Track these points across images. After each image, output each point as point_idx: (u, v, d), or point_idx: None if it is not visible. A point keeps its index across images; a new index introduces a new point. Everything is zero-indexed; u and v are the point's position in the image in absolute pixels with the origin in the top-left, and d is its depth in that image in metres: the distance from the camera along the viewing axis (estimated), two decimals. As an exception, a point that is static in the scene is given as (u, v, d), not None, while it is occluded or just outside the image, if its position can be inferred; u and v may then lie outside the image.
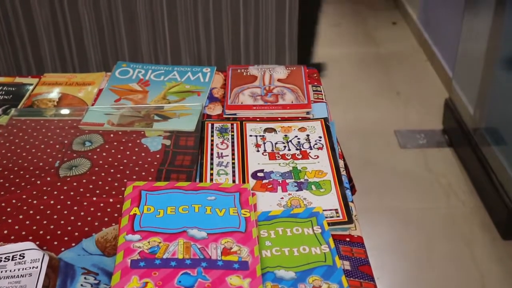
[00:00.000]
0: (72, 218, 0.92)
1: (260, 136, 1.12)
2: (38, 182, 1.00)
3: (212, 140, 1.10)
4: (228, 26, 1.95)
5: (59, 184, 1.00)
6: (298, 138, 1.11)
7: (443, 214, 2.14)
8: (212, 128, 1.14)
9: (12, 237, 0.89)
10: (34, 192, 0.97)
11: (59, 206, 0.95)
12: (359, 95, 2.89)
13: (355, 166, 2.25)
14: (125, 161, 1.05)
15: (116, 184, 1.00)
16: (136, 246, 0.83)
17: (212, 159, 1.05)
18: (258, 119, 1.19)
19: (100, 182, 1.00)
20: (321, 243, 0.85)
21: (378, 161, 2.41)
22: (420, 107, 2.78)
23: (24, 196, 0.96)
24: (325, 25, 3.55)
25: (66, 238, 0.88)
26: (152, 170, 1.03)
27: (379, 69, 3.13)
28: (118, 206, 0.94)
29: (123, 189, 0.97)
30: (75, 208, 0.94)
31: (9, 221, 0.91)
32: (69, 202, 0.95)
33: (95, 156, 1.07)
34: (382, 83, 2.99)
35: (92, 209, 0.94)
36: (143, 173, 1.02)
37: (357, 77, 3.08)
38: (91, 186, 0.99)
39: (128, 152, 1.08)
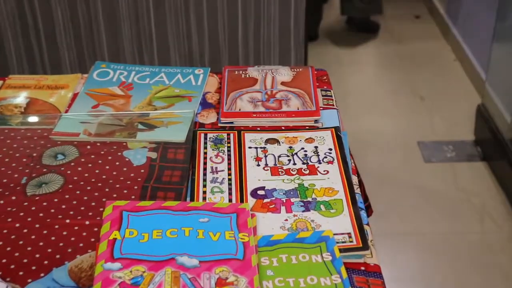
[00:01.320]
0: (41, 243, 0.93)
1: (260, 148, 1.13)
2: (1, 201, 1.01)
3: (205, 153, 1.11)
4: (224, 20, 1.97)
5: (26, 204, 1.00)
6: (305, 151, 1.12)
7: (476, 240, 2.14)
8: (206, 138, 1.15)
9: (-28, 266, 0.89)
10: (-2, 213, 0.98)
11: (25, 230, 0.95)
12: (376, 100, 2.90)
13: (372, 183, 2.25)
14: (104, 177, 1.06)
15: (93, 203, 1.00)
16: (116, 276, 0.84)
17: (205, 174, 1.06)
18: (258, 129, 1.20)
19: (74, 202, 1.01)
20: (331, 272, 0.86)
21: (398, 177, 2.41)
22: (447, 114, 2.79)
23: (-15, 218, 0.97)
24: (337, 17, 3.57)
25: (33, 267, 0.89)
26: (136, 187, 1.04)
27: (399, 69, 3.15)
28: (96, 229, 0.94)
29: (101, 209, 0.98)
30: (45, 232, 0.95)
31: (-32, 247, 0.92)
32: (37, 225, 0.96)
33: (68, 171, 1.07)
34: (403, 86, 3.01)
35: (64, 233, 0.95)
36: (125, 191, 1.03)
37: (374, 79, 3.10)
38: (63, 206, 1.00)
39: (107, 167, 1.08)
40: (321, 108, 1.24)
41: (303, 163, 1.09)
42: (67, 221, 0.97)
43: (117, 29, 1.99)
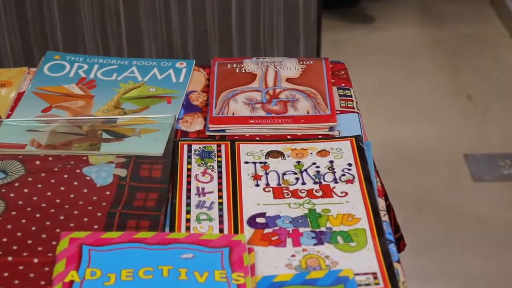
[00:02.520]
0: (-23, 287, 0.93)
1: (260, 163, 1.14)
2: None
3: (189, 170, 1.12)
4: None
5: (-43, 236, 1.01)
6: (317, 167, 1.13)
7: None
8: (190, 151, 1.16)
9: None
10: None
11: (-43, 270, 0.96)
12: (410, 101, 2.90)
13: (404, 209, 2.25)
14: (57, 201, 1.07)
15: (43, 235, 1.01)
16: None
17: (189, 197, 1.07)
18: (257, 138, 1.21)
19: (18, 234, 1.01)
20: (352, 323, 0.87)
21: (439, 201, 2.41)
22: (503, 118, 2.79)
23: None
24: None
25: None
26: (99, 214, 1.05)
27: (441, 60, 3.15)
28: (47, 269, 0.95)
29: (54, 243, 0.98)
30: (-18, 272, 0.95)
31: None
32: (-28, 263, 0.97)
33: (11, 194, 1.08)
34: (445, 81, 3.01)
35: (5, 274, 0.95)
36: (85, 219, 1.04)
37: (407, 73, 3.10)
38: (5, 240, 1.00)
39: (62, 188, 1.09)
40: (338, 112, 1.26)
41: (315, 183, 1.10)
42: (9, 258, 0.97)
43: (74, 8, 2.00)
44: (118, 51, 2.04)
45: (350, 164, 1.13)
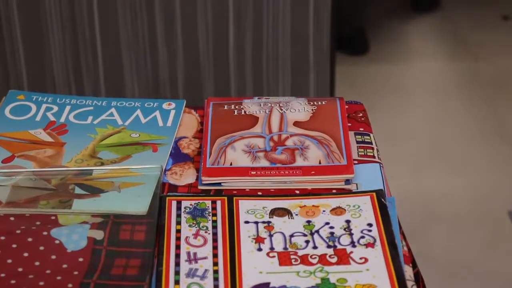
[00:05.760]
0: None
1: (263, 223, 1.14)
2: None
3: (178, 231, 1.12)
4: (208, 23, 1.99)
5: None
6: (331, 227, 1.13)
7: None
8: (179, 209, 1.16)
9: None
10: None
11: None
12: (442, 148, 2.91)
13: (438, 278, 2.24)
14: (20, 269, 1.06)
15: (4, 311, 1.01)
16: None
17: (178, 264, 1.07)
18: (259, 193, 1.21)
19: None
20: None
21: (480, 267, 2.40)
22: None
23: None
24: (380, 18, 3.60)
25: None
26: (70, 285, 1.04)
27: (479, 99, 3.16)
28: None
29: (16, 320, 0.98)
30: None
31: None
32: None
33: (-34, 261, 1.08)
34: (485, 125, 3.01)
35: None
36: (54, 291, 1.04)
37: (439, 114, 3.11)
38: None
39: (26, 254, 1.09)
40: (356, 162, 1.26)
41: (329, 247, 1.10)
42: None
43: (40, 34, 2.01)
44: (94, 89, 2.05)
45: (370, 224, 1.13)
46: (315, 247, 1.10)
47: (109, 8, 1.96)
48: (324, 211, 1.16)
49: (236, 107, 1.38)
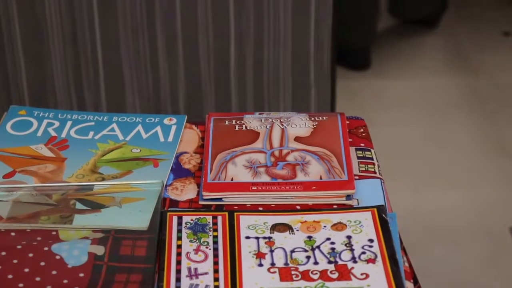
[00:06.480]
0: None
1: (264, 238, 1.14)
2: None
3: (179, 246, 1.12)
4: (209, 40, 2.00)
5: None
6: (332, 243, 1.13)
7: None
8: (180, 224, 1.16)
9: None
10: None
11: None
12: (443, 164, 2.90)
13: (439, 294, 2.23)
14: (20, 285, 1.06)
15: (4, 326, 1.01)
16: None
17: (179, 280, 1.07)
18: (260, 209, 1.22)
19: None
20: None
21: (479, 281, 2.40)
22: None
23: None
24: (382, 34, 3.60)
25: None
26: (71, 300, 1.05)
27: (478, 114, 3.16)
28: None
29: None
30: None
31: None
32: None
33: (-33, 276, 1.08)
34: (487, 141, 3.01)
35: None
36: (54, 307, 1.04)
37: (440, 130, 3.11)
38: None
39: (26, 269, 1.09)
40: (357, 177, 1.27)
41: (330, 262, 1.10)
42: None
43: (42, 50, 2.01)
44: (95, 104, 2.05)
45: (371, 240, 1.13)
46: (316, 263, 1.10)
47: (110, 24, 1.97)
48: (325, 226, 1.16)
49: (237, 122, 1.39)
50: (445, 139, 3.04)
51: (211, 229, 1.15)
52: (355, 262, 1.10)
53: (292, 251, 1.12)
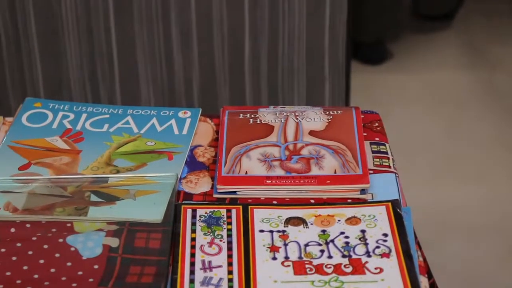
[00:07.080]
0: None
1: (278, 232, 1.14)
2: None
3: (193, 239, 1.13)
4: (224, 34, 2.00)
5: None
6: (346, 237, 1.13)
7: None
8: (194, 217, 1.17)
9: None
10: None
11: None
12: (459, 159, 2.90)
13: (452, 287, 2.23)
14: (35, 276, 1.07)
15: (19, 317, 1.02)
16: None
17: (193, 272, 1.07)
18: (274, 202, 1.22)
19: (-10, 315, 1.02)
20: None
21: (494, 277, 2.39)
22: None
23: None
24: (397, 28, 3.60)
25: None
26: (85, 292, 1.05)
27: (494, 108, 3.15)
28: None
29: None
30: None
31: None
32: None
33: (-19, 268, 1.09)
34: (505, 137, 3.00)
35: None
36: (69, 299, 1.04)
37: (453, 123, 3.10)
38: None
39: (41, 261, 1.10)
40: (371, 172, 1.27)
41: (343, 256, 1.10)
42: None
43: (58, 44, 2.02)
44: (110, 97, 2.05)
45: (385, 234, 1.13)
46: (330, 257, 1.10)
47: (125, 18, 1.97)
48: (339, 220, 1.16)
49: (252, 116, 1.39)
50: (461, 134, 3.03)
51: (225, 222, 1.16)
52: (369, 256, 1.10)
53: (306, 245, 1.12)
